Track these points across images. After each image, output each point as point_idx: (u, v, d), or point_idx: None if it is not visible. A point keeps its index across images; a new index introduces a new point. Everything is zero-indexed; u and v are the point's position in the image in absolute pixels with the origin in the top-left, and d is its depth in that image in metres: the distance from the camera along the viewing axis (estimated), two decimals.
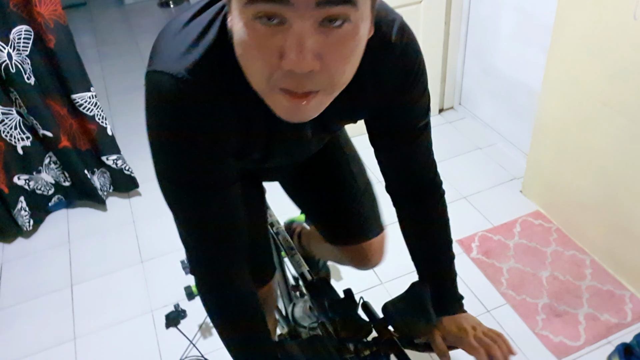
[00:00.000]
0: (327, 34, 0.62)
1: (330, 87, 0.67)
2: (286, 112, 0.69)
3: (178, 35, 0.75)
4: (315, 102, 0.67)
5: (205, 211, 0.84)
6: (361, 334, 1.06)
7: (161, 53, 0.75)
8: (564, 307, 1.89)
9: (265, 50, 0.63)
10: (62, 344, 1.97)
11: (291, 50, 0.60)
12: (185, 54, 0.72)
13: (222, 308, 0.94)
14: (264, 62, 0.64)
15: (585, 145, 1.94)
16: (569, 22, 1.83)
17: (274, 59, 0.63)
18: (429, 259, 1.08)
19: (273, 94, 0.67)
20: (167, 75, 0.72)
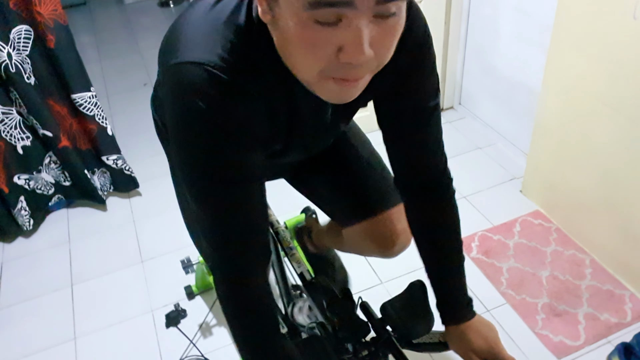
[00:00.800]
0: (380, 25, 0.64)
1: (377, 68, 0.70)
2: (336, 95, 0.71)
3: (202, 24, 0.74)
4: (362, 83, 0.71)
5: (235, 206, 0.82)
6: (359, 334, 1.06)
7: (187, 43, 0.74)
8: (564, 307, 1.89)
9: (322, 47, 0.65)
10: (62, 344, 1.97)
11: (351, 46, 0.63)
12: (215, 44, 0.72)
13: (241, 305, 0.92)
14: (319, 57, 0.66)
15: (585, 144, 1.94)
16: (569, 22, 1.83)
17: (331, 54, 0.65)
18: (438, 260, 1.07)
19: (324, 82, 0.69)
20: (200, 65, 0.71)
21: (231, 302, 0.93)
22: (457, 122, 2.92)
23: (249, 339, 0.95)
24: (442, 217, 1.05)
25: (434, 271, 1.08)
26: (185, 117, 0.74)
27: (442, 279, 1.07)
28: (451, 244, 1.07)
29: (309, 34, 0.63)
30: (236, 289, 0.91)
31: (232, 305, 0.93)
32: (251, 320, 0.93)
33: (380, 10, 0.62)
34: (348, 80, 0.68)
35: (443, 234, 1.06)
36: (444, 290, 1.07)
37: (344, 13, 0.61)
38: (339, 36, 0.63)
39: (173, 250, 2.26)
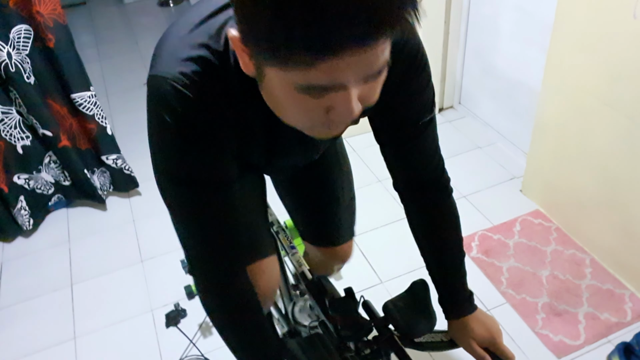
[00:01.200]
0: (369, 83, 0.65)
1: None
2: (324, 136, 0.73)
3: (183, 40, 0.75)
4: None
5: (204, 209, 0.85)
6: (362, 332, 1.06)
7: (164, 56, 0.76)
8: (564, 306, 1.89)
9: (311, 111, 0.66)
10: (62, 343, 1.97)
11: (341, 109, 0.65)
12: (190, 62, 0.73)
13: (222, 306, 0.95)
14: (308, 118, 0.68)
15: (585, 144, 1.94)
16: (569, 22, 1.83)
17: (320, 114, 0.66)
18: (439, 257, 1.08)
19: (311, 130, 0.72)
20: (169, 80, 0.73)
21: (207, 300, 0.95)
22: (457, 121, 2.92)
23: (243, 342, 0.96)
24: (441, 216, 1.06)
25: (435, 268, 1.09)
26: (154, 127, 0.79)
27: (443, 275, 1.08)
28: (452, 241, 1.08)
29: (298, 102, 0.65)
30: (213, 289, 0.93)
31: (207, 303, 0.95)
32: (241, 323, 0.95)
33: (370, 77, 0.64)
34: (336, 129, 0.71)
35: (443, 233, 1.07)
36: (446, 286, 1.08)
37: (336, 92, 0.63)
38: (329, 101, 0.64)
39: (173, 250, 2.26)
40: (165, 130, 0.76)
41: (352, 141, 2.64)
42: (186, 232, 0.89)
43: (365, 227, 2.29)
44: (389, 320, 1.06)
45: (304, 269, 1.33)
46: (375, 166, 1.46)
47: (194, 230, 0.88)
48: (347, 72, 0.60)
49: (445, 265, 1.08)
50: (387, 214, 2.32)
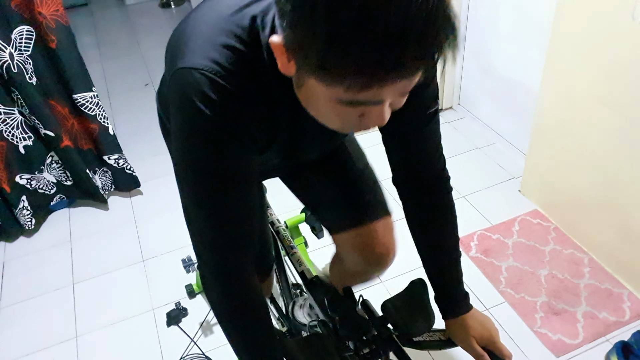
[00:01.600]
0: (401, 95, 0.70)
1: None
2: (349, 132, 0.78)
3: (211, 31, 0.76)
4: None
5: (226, 202, 0.85)
6: (360, 332, 1.07)
7: (194, 48, 0.76)
8: (563, 306, 1.90)
9: (346, 116, 0.70)
10: (64, 342, 1.98)
11: (373, 118, 0.70)
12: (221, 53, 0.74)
13: (230, 304, 0.94)
14: (342, 122, 0.72)
15: (584, 144, 1.95)
16: (568, 22, 1.84)
17: (354, 119, 0.71)
18: (435, 255, 1.09)
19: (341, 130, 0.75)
20: (205, 72, 0.74)
21: (224, 303, 0.94)
22: (456, 122, 2.93)
23: (247, 340, 0.96)
24: (438, 212, 1.07)
25: (431, 267, 1.10)
26: (187, 119, 0.78)
27: (440, 274, 1.09)
28: (448, 240, 1.09)
29: (335, 109, 0.69)
30: (224, 286, 0.93)
31: (225, 307, 0.95)
32: (247, 320, 0.95)
33: (405, 93, 0.69)
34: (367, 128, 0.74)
35: (440, 231, 1.08)
36: (442, 285, 1.09)
37: (373, 105, 0.68)
38: (364, 109, 0.69)
39: (174, 249, 2.27)
40: (200, 119, 0.76)
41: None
42: (204, 224, 0.88)
43: None
44: (387, 319, 1.07)
45: (303, 268, 1.34)
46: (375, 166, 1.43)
47: (213, 222, 0.87)
48: (390, 92, 0.65)
49: (441, 262, 1.09)
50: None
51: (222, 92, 0.74)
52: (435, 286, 1.09)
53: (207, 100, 0.74)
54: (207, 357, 1.84)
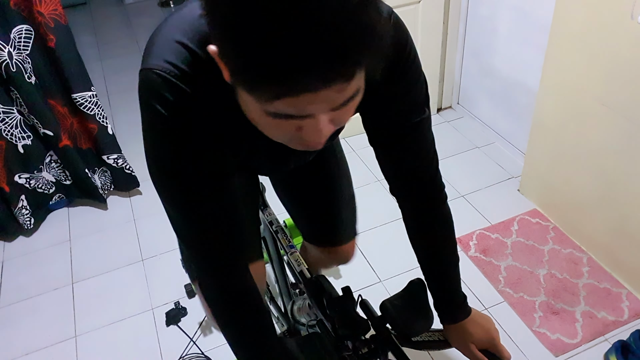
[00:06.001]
0: (339, 110, 0.64)
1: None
2: (303, 149, 0.73)
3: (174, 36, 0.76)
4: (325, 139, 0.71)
5: (201, 202, 0.84)
6: (359, 331, 1.07)
7: (154, 51, 0.77)
8: (561, 305, 1.90)
9: (282, 129, 0.66)
10: (63, 342, 1.98)
11: (310, 134, 0.65)
12: (179, 55, 0.74)
13: (223, 301, 0.94)
14: (280, 135, 0.69)
15: (583, 144, 1.95)
16: (567, 22, 1.84)
17: (292, 132, 0.67)
18: (433, 263, 1.08)
19: (288, 143, 0.72)
20: (161, 73, 0.74)
21: (215, 302, 0.94)
22: (456, 121, 2.93)
23: (243, 337, 0.96)
24: (435, 222, 1.06)
25: (430, 274, 1.09)
26: (148, 120, 0.80)
27: (438, 280, 1.09)
28: (445, 249, 1.08)
29: (269, 121, 0.65)
30: (220, 287, 0.93)
31: (217, 306, 0.94)
32: (241, 317, 0.94)
33: (338, 106, 0.63)
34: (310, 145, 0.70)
35: (437, 238, 1.07)
36: (441, 291, 1.09)
37: (303, 120, 0.63)
38: (297, 123, 0.64)
39: (173, 249, 2.27)
40: (157, 120, 0.77)
41: (351, 141, 2.65)
42: (183, 225, 0.89)
43: (364, 226, 2.30)
44: (386, 319, 1.06)
45: (302, 268, 1.34)
46: (374, 165, 1.44)
47: (189, 221, 0.87)
48: (313, 105, 0.60)
49: (439, 270, 1.08)
50: (386, 213, 2.33)
51: (177, 92, 0.74)
52: (434, 293, 1.09)
53: (163, 101, 0.74)
54: (206, 357, 1.85)
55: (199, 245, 0.90)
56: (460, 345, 1.08)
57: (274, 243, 1.56)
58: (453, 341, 1.10)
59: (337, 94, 0.60)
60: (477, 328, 1.07)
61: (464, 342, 1.07)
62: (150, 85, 0.75)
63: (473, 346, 1.06)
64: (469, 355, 1.07)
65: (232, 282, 0.93)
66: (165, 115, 0.75)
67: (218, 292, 0.94)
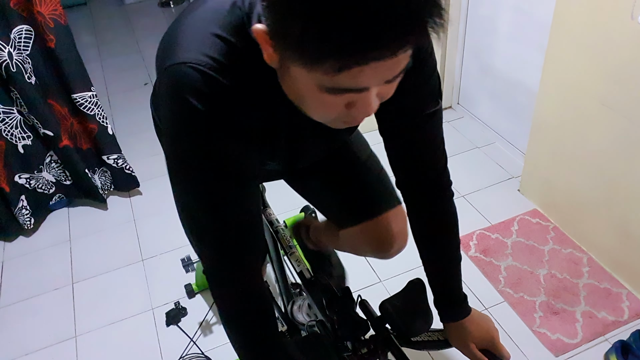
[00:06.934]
0: (389, 84, 0.68)
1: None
2: (341, 127, 0.75)
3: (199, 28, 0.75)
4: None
5: (230, 203, 0.83)
6: (359, 332, 1.07)
7: (183, 45, 0.75)
8: (561, 305, 1.90)
9: (333, 106, 0.68)
10: (63, 342, 1.98)
11: (361, 107, 0.68)
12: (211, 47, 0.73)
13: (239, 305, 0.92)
14: (329, 113, 0.70)
15: (583, 144, 1.95)
16: (567, 22, 1.84)
17: (341, 109, 0.69)
18: (436, 260, 1.09)
19: (332, 122, 0.74)
20: (195, 66, 0.72)
21: (228, 302, 0.93)
22: (456, 121, 2.93)
23: (249, 340, 0.95)
24: (440, 217, 1.06)
25: (432, 269, 1.09)
26: (180, 115, 0.76)
27: (440, 276, 1.09)
28: (449, 244, 1.08)
29: (320, 98, 0.67)
30: (233, 289, 0.91)
31: (229, 306, 0.93)
32: (250, 320, 0.93)
33: (391, 80, 0.67)
34: (357, 120, 0.73)
35: (441, 234, 1.07)
36: (442, 288, 1.09)
37: (358, 93, 0.66)
38: (350, 98, 0.67)
39: (173, 249, 2.27)
40: (192, 115, 0.74)
41: None
42: (205, 223, 0.85)
43: None
44: (385, 319, 1.07)
45: (302, 268, 1.34)
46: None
47: (214, 221, 0.84)
48: (372, 77, 0.63)
49: (442, 267, 1.08)
50: None
51: (215, 85, 0.72)
52: (435, 290, 1.09)
53: (200, 95, 0.72)
54: (206, 357, 1.85)
55: (219, 244, 0.87)
56: (460, 345, 1.09)
57: (274, 243, 1.56)
58: (453, 340, 1.10)
59: (395, 66, 0.64)
60: (477, 327, 1.07)
61: (464, 341, 1.07)
62: (185, 79, 0.73)
63: (473, 345, 1.06)
64: (468, 355, 1.08)
65: (247, 283, 0.91)
66: (201, 110, 0.73)
67: (228, 293, 0.92)
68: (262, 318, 0.95)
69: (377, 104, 0.70)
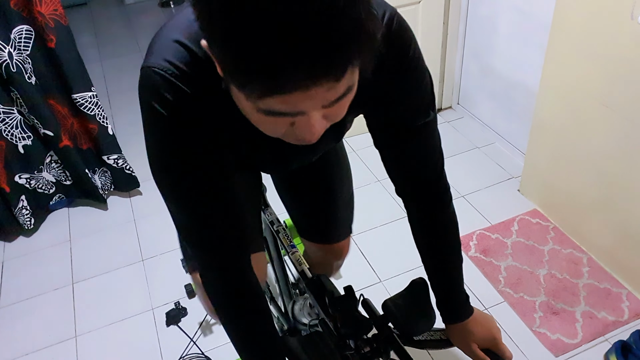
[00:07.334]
0: (332, 106, 0.63)
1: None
2: (299, 143, 0.71)
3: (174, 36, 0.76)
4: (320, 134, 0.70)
5: (203, 200, 0.85)
6: (361, 330, 1.07)
7: (152, 51, 0.77)
8: (561, 305, 1.91)
9: (275, 126, 0.66)
10: (64, 342, 1.98)
11: (303, 130, 0.65)
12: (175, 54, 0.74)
13: (223, 295, 0.94)
14: (274, 130, 0.67)
15: (583, 144, 1.96)
16: (567, 22, 1.84)
17: (285, 128, 0.66)
18: (437, 264, 1.08)
19: (286, 139, 0.71)
20: (156, 69, 0.74)
21: (219, 297, 0.94)
22: (456, 121, 2.94)
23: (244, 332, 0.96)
24: (440, 223, 1.06)
25: (433, 273, 1.09)
26: (148, 119, 0.80)
27: (442, 280, 1.09)
28: (449, 248, 1.08)
29: (262, 117, 0.64)
30: (222, 283, 0.93)
31: (221, 300, 0.95)
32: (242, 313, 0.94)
33: (330, 104, 0.62)
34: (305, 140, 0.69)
35: (442, 239, 1.07)
36: (444, 290, 1.09)
37: (294, 117, 0.63)
38: (289, 120, 0.64)
39: (173, 249, 2.27)
40: (157, 120, 0.77)
41: (352, 141, 2.65)
42: (183, 221, 0.89)
43: (364, 226, 2.31)
44: (388, 318, 1.07)
45: (303, 267, 1.34)
46: (374, 166, 1.46)
47: (192, 218, 0.87)
48: (304, 103, 0.59)
49: (443, 272, 1.08)
50: (386, 213, 2.34)
51: (177, 92, 0.74)
52: (437, 292, 1.09)
53: (163, 101, 0.75)
54: (206, 357, 1.84)
55: (200, 241, 0.90)
56: (462, 345, 1.09)
57: (275, 243, 1.56)
58: (455, 340, 1.10)
59: (328, 92, 0.59)
60: (479, 327, 1.07)
61: (466, 341, 1.07)
62: (150, 84, 0.76)
63: (475, 345, 1.06)
64: (470, 355, 1.08)
65: (234, 278, 0.93)
66: (165, 115, 0.76)
67: (219, 287, 0.94)
68: (253, 312, 0.96)
69: (325, 125, 0.66)
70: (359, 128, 0.95)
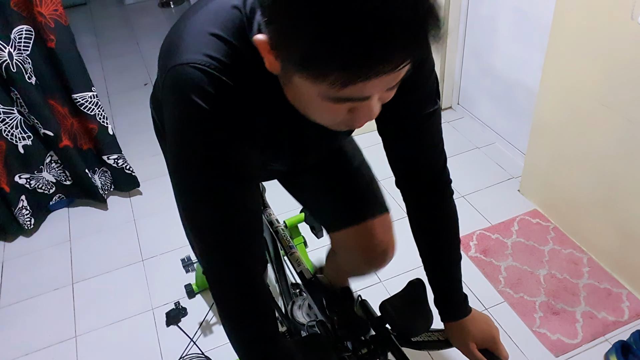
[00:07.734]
0: (392, 89, 0.71)
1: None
2: (344, 129, 0.77)
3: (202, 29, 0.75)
4: None
5: (233, 205, 0.82)
6: (359, 332, 1.07)
7: (187, 46, 0.75)
8: (562, 305, 1.90)
9: (335, 113, 0.70)
10: (63, 342, 1.98)
11: (362, 113, 0.70)
12: (215, 48, 0.74)
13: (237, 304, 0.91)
14: (332, 118, 0.72)
15: (583, 144, 1.95)
16: (567, 22, 1.84)
17: (343, 114, 0.71)
18: (436, 259, 1.08)
19: (335, 126, 0.76)
20: (200, 66, 0.72)
21: (227, 302, 0.92)
22: (456, 121, 2.93)
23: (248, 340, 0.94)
24: (440, 216, 1.06)
25: (432, 268, 1.09)
26: (186, 115, 0.76)
27: (440, 275, 1.09)
28: (449, 244, 1.08)
29: (322, 105, 0.68)
30: (233, 289, 0.90)
31: (228, 305, 0.92)
32: (249, 320, 0.92)
33: (392, 87, 0.69)
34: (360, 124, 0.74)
35: (441, 233, 1.07)
36: (442, 287, 1.09)
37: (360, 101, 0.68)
38: (352, 105, 0.69)
39: (173, 249, 2.27)
40: (198, 115, 0.74)
41: None
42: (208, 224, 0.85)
43: None
44: (385, 319, 1.07)
45: (302, 268, 1.34)
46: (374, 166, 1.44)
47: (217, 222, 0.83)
48: (375, 87, 0.65)
49: (442, 266, 1.08)
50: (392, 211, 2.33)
51: (220, 85, 0.73)
52: (435, 289, 1.09)
53: (205, 95, 0.73)
54: (206, 357, 1.85)
55: (219, 244, 0.86)
56: (460, 344, 1.09)
57: (274, 243, 1.56)
58: (453, 340, 1.10)
59: (397, 75, 0.65)
60: (477, 327, 1.07)
61: (464, 340, 1.07)
62: (190, 80, 0.73)
63: (473, 345, 1.06)
64: (468, 355, 1.08)
65: (247, 283, 0.90)
66: (207, 109, 0.73)
67: (231, 291, 0.91)
68: (262, 318, 0.94)
69: (379, 108, 0.71)
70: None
